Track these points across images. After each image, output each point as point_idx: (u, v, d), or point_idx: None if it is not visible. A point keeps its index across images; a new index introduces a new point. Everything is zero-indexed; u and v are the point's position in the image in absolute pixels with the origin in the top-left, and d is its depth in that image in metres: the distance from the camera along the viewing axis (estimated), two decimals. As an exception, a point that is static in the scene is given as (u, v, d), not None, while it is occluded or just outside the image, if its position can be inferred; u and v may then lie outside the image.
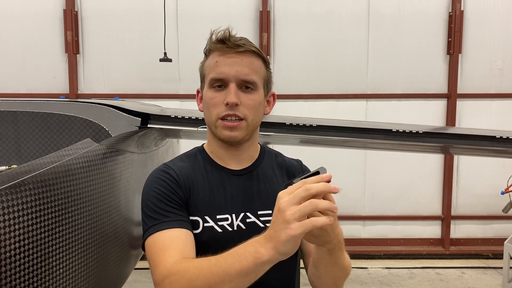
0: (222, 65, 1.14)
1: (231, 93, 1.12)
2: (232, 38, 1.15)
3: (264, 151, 1.32)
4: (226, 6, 5.08)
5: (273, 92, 1.29)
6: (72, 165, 1.46)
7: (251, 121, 1.16)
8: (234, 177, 1.22)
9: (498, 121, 5.16)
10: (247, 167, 1.25)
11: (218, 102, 1.14)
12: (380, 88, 5.21)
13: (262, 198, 1.22)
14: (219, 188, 1.20)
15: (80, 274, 1.45)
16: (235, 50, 1.13)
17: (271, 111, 1.30)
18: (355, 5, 5.11)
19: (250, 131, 1.18)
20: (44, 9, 5.06)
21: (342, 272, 1.10)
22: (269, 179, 1.26)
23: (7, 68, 5.09)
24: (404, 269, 4.91)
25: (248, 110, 1.15)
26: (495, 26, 5.12)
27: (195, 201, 1.16)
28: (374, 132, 2.55)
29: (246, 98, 1.14)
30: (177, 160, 1.26)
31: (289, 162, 1.33)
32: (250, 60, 1.15)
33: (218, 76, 1.14)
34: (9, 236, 1.10)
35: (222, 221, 1.16)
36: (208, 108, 1.17)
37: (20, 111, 2.15)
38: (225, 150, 1.22)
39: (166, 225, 1.08)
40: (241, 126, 1.15)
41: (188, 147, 1.35)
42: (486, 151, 2.83)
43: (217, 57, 1.16)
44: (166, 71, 5.07)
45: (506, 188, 4.18)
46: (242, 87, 1.14)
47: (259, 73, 1.17)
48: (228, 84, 1.14)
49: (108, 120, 2.12)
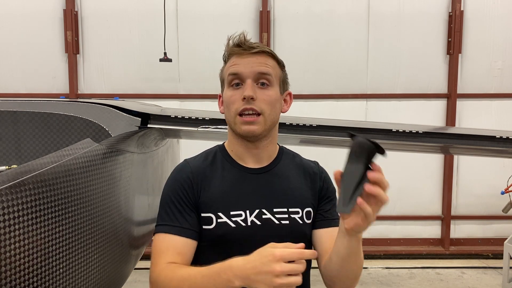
0: (238, 63, 1.21)
1: (247, 87, 1.18)
2: (247, 41, 1.22)
3: (282, 151, 1.37)
4: (226, 6, 5.08)
5: (290, 91, 1.34)
6: (72, 165, 1.46)
7: (268, 115, 1.21)
8: (251, 175, 1.27)
9: (498, 121, 5.16)
10: (265, 166, 1.29)
11: (236, 99, 1.20)
12: (380, 88, 5.21)
13: (279, 196, 1.26)
14: (235, 185, 1.24)
15: (80, 274, 1.45)
16: (250, 52, 1.20)
17: (288, 109, 1.35)
18: (355, 5, 5.11)
19: (268, 126, 1.23)
20: (44, 9, 5.06)
21: (362, 262, 1.16)
22: (286, 179, 1.29)
23: (7, 68, 5.09)
24: (404, 269, 4.92)
25: (264, 105, 1.20)
26: (495, 26, 5.12)
27: (208, 198, 1.22)
28: (374, 132, 2.55)
29: (262, 93, 1.20)
30: (198, 156, 1.34)
31: (306, 163, 1.38)
32: (265, 59, 1.22)
33: (234, 71, 1.20)
34: (9, 236, 1.10)
35: (236, 217, 1.21)
36: (228, 106, 1.23)
37: (20, 111, 2.15)
38: (245, 148, 1.27)
39: (170, 229, 1.20)
40: (258, 120, 1.19)
41: (188, 147, 1.36)
42: (486, 151, 2.83)
43: (234, 59, 1.23)
44: (166, 71, 5.07)
45: (506, 188, 4.19)
46: (258, 83, 1.20)
47: (274, 71, 1.24)
48: (244, 80, 1.20)
49: (108, 120, 2.12)
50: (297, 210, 1.26)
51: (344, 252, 1.10)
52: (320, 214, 1.30)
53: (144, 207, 2.24)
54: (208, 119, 2.26)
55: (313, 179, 1.33)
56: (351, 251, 1.09)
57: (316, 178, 1.34)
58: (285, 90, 1.31)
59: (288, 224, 1.23)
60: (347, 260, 1.12)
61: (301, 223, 1.25)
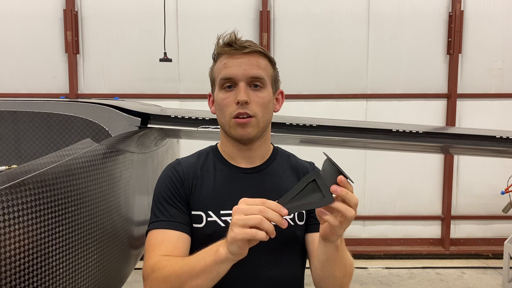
0: (230, 65, 1.19)
1: (240, 91, 1.17)
2: (238, 40, 1.20)
3: (276, 151, 1.36)
4: (226, 6, 5.08)
5: (281, 90, 1.33)
6: (72, 165, 1.46)
7: (261, 118, 1.20)
8: (243, 175, 1.26)
9: (498, 121, 5.16)
10: (257, 166, 1.28)
11: (229, 102, 1.19)
12: (380, 88, 5.21)
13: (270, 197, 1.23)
14: (226, 184, 1.24)
15: (80, 274, 1.45)
16: (241, 52, 1.18)
17: (280, 108, 1.34)
18: (355, 5, 5.11)
19: (261, 128, 1.22)
20: (44, 9, 5.06)
21: (346, 270, 1.14)
22: (279, 179, 1.28)
23: (7, 68, 5.09)
24: (404, 269, 4.91)
25: (257, 108, 1.19)
26: (495, 26, 5.12)
27: (199, 197, 1.22)
28: (374, 132, 2.55)
29: (256, 96, 1.19)
30: (190, 156, 1.33)
31: (301, 164, 1.36)
32: (257, 59, 1.20)
33: (227, 76, 1.18)
34: (9, 236, 1.10)
35: (225, 216, 1.20)
36: (221, 109, 1.22)
37: (20, 111, 2.15)
38: (238, 150, 1.26)
39: (163, 224, 1.18)
40: (251, 123, 1.19)
41: (188, 147, 1.36)
42: (486, 151, 2.83)
43: (225, 59, 1.20)
44: (166, 71, 5.07)
45: (506, 188, 4.18)
46: (251, 85, 1.19)
47: (266, 71, 1.22)
48: (237, 83, 1.18)
49: (108, 120, 2.12)
50: None
51: (322, 258, 1.10)
52: (313, 217, 1.26)
53: (144, 207, 2.24)
54: (208, 119, 2.26)
55: None
56: (328, 257, 1.08)
57: None
58: (277, 88, 1.29)
59: None
60: (326, 266, 1.11)
61: (292, 224, 1.23)
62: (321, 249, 1.09)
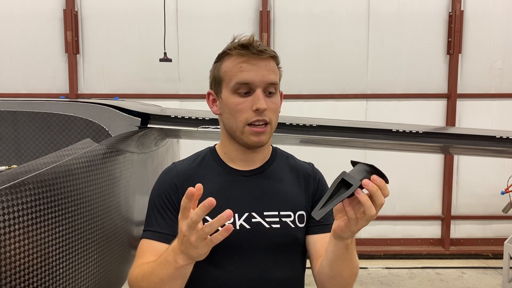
0: (247, 70, 1.15)
1: (260, 99, 1.15)
2: (255, 43, 1.17)
3: (275, 153, 1.33)
4: (226, 6, 5.08)
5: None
6: (72, 165, 1.46)
7: (274, 123, 1.21)
8: (242, 177, 1.24)
9: (498, 121, 5.16)
10: (256, 168, 1.26)
11: (244, 108, 1.16)
12: (380, 88, 5.21)
13: (269, 199, 1.22)
14: (223, 188, 1.21)
15: (80, 274, 1.45)
16: (259, 56, 1.16)
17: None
18: (355, 5, 5.11)
19: (272, 133, 1.22)
20: (44, 9, 5.06)
21: (353, 271, 1.13)
22: (278, 181, 1.26)
23: (7, 68, 5.09)
24: (404, 269, 4.92)
25: (272, 114, 1.18)
26: (495, 26, 5.12)
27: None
28: (374, 132, 2.55)
29: (270, 102, 1.18)
30: (186, 159, 1.32)
31: (300, 165, 1.34)
32: (272, 65, 1.19)
33: (244, 80, 1.15)
34: (9, 236, 1.10)
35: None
36: (233, 114, 1.18)
37: (20, 111, 2.15)
38: (241, 153, 1.24)
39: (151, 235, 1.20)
40: (267, 130, 1.18)
41: (188, 147, 1.35)
42: (486, 151, 2.83)
43: (240, 62, 1.16)
44: (166, 71, 5.08)
45: (506, 188, 4.19)
46: (266, 92, 1.17)
47: (278, 76, 1.22)
48: (254, 89, 1.16)
49: (108, 120, 2.12)
50: (289, 214, 1.22)
51: (331, 256, 1.09)
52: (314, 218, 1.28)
53: (144, 207, 2.23)
54: (208, 119, 2.26)
55: (307, 181, 1.30)
56: (337, 255, 1.07)
57: (310, 180, 1.30)
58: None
59: (279, 228, 1.20)
60: (334, 265, 1.10)
61: (293, 227, 1.22)
62: (331, 247, 1.07)
